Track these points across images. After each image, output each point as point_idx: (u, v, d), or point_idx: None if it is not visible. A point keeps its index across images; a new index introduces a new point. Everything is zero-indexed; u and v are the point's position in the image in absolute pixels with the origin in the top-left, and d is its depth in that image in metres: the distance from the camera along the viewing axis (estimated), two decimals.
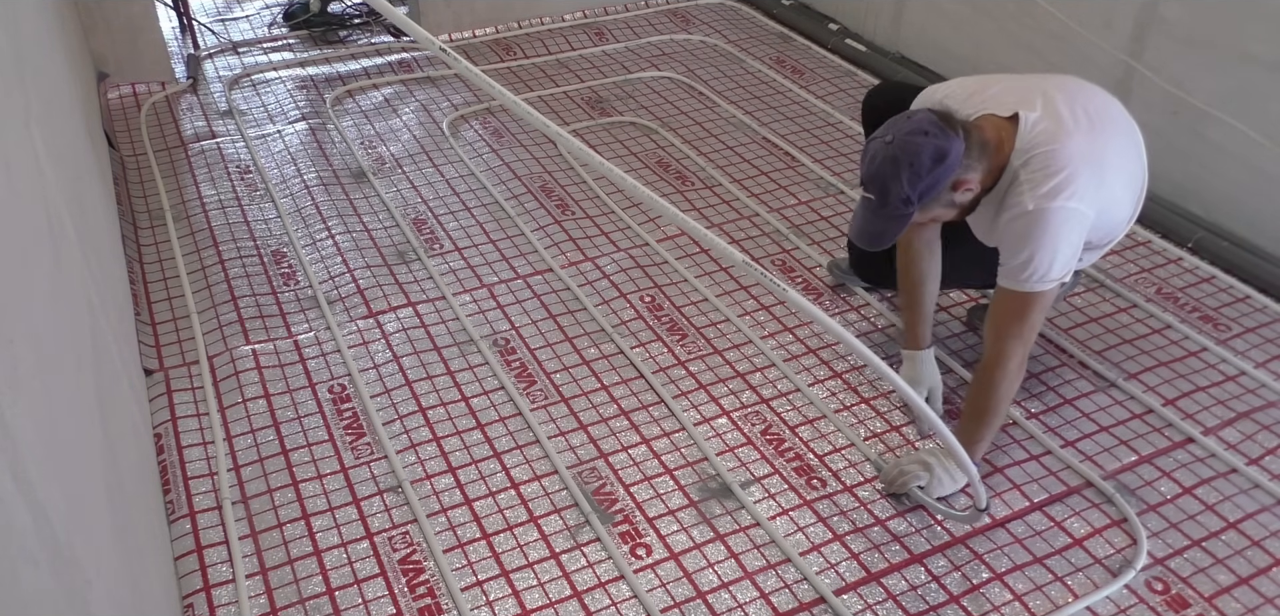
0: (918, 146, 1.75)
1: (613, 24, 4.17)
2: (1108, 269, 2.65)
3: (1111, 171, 1.88)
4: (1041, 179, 1.80)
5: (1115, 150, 1.92)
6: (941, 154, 1.75)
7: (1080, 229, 1.83)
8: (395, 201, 2.97)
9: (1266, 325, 2.46)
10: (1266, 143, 2.59)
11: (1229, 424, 2.17)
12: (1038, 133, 1.83)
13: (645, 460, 2.09)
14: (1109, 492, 2.00)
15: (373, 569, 1.86)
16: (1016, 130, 1.85)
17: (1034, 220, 1.80)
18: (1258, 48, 2.58)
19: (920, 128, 1.76)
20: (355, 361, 2.34)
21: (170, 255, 2.72)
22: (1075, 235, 1.82)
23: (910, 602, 1.81)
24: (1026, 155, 1.83)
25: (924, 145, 1.75)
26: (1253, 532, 1.93)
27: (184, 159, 3.19)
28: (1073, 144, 1.81)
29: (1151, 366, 2.33)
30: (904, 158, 1.75)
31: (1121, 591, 1.82)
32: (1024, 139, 1.84)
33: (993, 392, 1.90)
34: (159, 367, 2.32)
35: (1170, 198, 2.87)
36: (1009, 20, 3.27)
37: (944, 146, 1.75)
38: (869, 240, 1.88)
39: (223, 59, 3.87)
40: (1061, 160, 1.80)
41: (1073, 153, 1.81)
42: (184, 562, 1.86)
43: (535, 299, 2.56)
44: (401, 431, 2.16)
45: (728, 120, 3.42)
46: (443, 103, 3.54)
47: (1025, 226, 1.81)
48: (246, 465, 2.08)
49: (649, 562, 1.88)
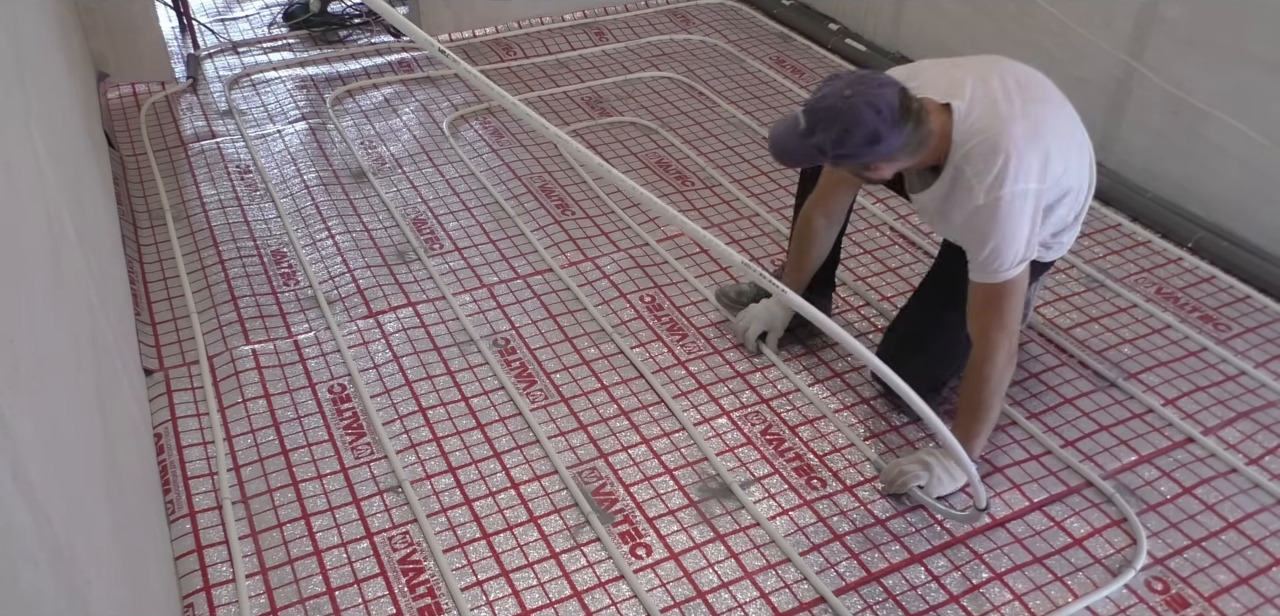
0: (861, 118, 1.75)
1: (613, 24, 4.17)
2: (1108, 269, 2.66)
3: (1053, 142, 1.89)
4: (985, 170, 1.81)
5: (1053, 121, 1.93)
6: (875, 137, 1.76)
7: (1035, 206, 1.84)
8: (395, 201, 2.97)
9: (1266, 325, 2.46)
10: (1266, 143, 2.59)
11: (1229, 424, 2.17)
12: (973, 122, 1.84)
13: (645, 460, 2.09)
14: (1109, 492, 2.00)
15: (373, 569, 1.86)
16: (951, 121, 1.86)
17: (989, 213, 1.81)
18: (1258, 48, 2.58)
19: (874, 103, 1.76)
20: (355, 361, 2.34)
21: (170, 255, 2.72)
22: (1030, 213, 1.84)
23: (910, 602, 1.81)
24: (965, 147, 1.83)
25: (867, 120, 1.75)
26: (1253, 532, 1.93)
27: (184, 159, 3.19)
28: (1010, 126, 1.82)
29: (1151, 366, 2.33)
30: (846, 117, 1.76)
31: (1121, 591, 1.82)
32: (960, 130, 1.84)
33: (985, 387, 1.90)
34: (159, 367, 2.32)
35: (1170, 198, 2.87)
36: (1009, 20, 3.27)
37: (882, 132, 1.76)
38: (780, 152, 1.90)
39: (223, 59, 3.87)
40: (1001, 145, 1.81)
41: (1011, 135, 1.81)
42: (184, 562, 1.86)
43: (535, 299, 2.56)
44: (401, 431, 2.16)
45: (728, 120, 3.42)
46: (443, 103, 3.54)
47: (983, 221, 1.83)
48: (246, 465, 2.08)
49: (649, 562, 1.88)
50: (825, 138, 1.78)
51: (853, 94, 1.77)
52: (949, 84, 1.89)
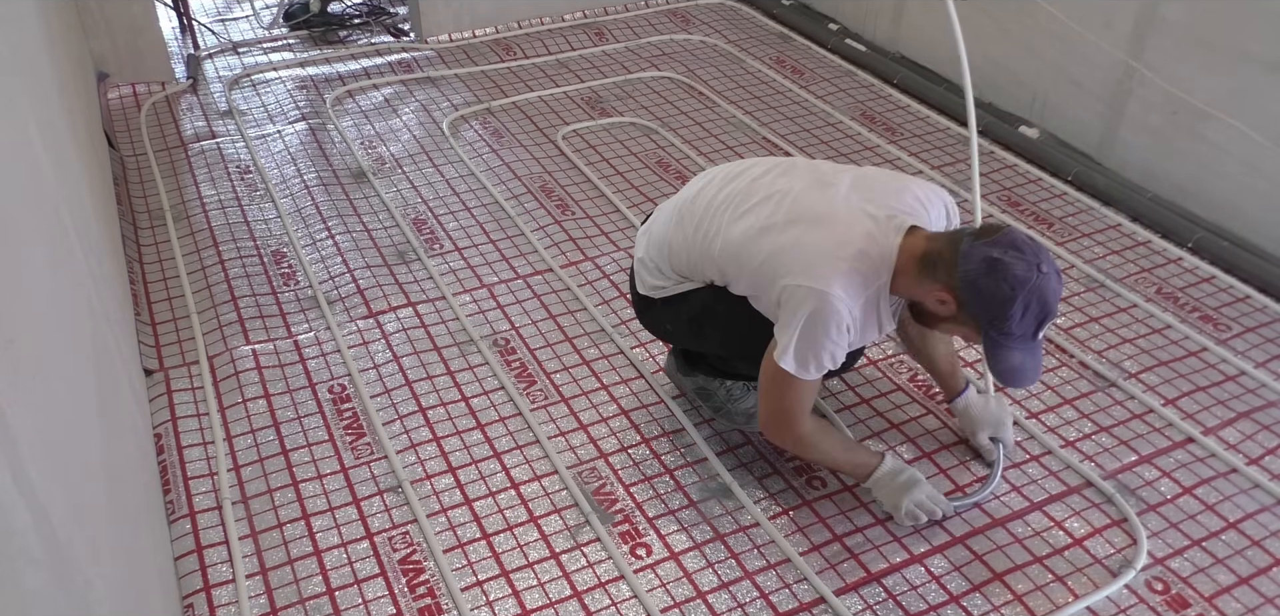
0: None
1: (613, 24, 4.17)
2: (1108, 269, 2.65)
3: None
4: None
5: None
6: None
7: None
8: (395, 201, 2.97)
9: (1266, 325, 2.46)
10: (1266, 143, 2.59)
11: (1229, 424, 2.17)
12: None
13: (645, 460, 2.09)
14: (1109, 492, 2.00)
15: (373, 569, 1.86)
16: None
17: None
18: (1258, 48, 2.58)
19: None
20: (355, 361, 2.34)
21: (170, 255, 2.72)
22: None
23: (910, 602, 1.81)
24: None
25: None
26: (1253, 532, 1.93)
27: (184, 159, 3.19)
28: None
29: (1151, 366, 2.33)
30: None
31: (1121, 591, 1.82)
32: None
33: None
34: (159, 368, 2.32)
35: (1170, 198, 2.87)
36: (1009, 20, 3.27)
37: None
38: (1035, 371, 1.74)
39: (223, 59, 3.87)
40: None
41: None
42: (184, 562, 1.86)
43: (535, 299, 2.56)
44: (401, 431, 2.16)
45: (728, 120, 3.42)
46: (443, 103, 3.54)
47: None
48: (246, 465, 2.08)
49: (649, 562, 1.88)
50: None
51: (1047, 266, 1.65)
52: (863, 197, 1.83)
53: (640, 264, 2.07)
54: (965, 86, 2.15)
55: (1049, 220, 2.86)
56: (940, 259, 1.68)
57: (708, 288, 1.94)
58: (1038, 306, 1.63)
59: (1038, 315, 1.64)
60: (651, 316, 2.11)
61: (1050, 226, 2.83)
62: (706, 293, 1.95)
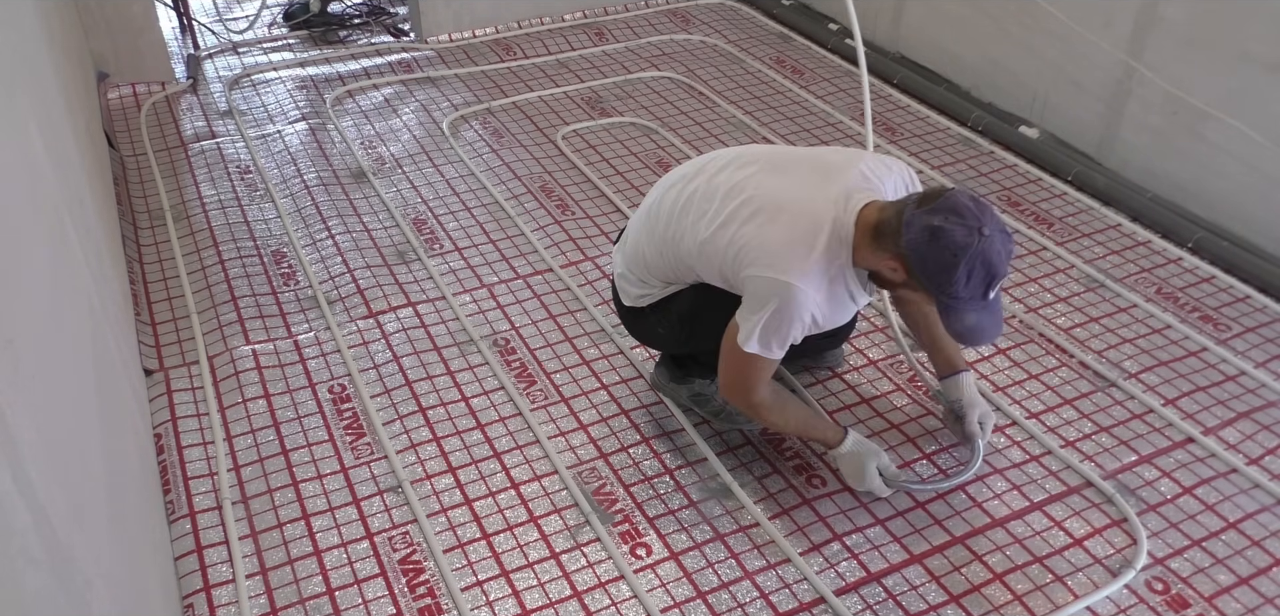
0: None
1: (613, 24, 4.17)
2: (1108, 269, 2.65)
3: None
4: None
5: None
6: None
7: None
8: (395, 201, 2.97)
9: (1266, 325, 2.46)
10: (1266, 143, 2.59)
11: (1229, 424, 2.17)
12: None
13: (645, 460, 2.09)
14: (1109, 492, 2.00)
15: (373, 569, 1.86)
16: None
17: None
18: (1257, 48, 2.58)
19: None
20: (355, 361, 2.34)
21: (170, 255, 2.72)
22: None
23: (910, 602, 1.81)
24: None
25: None
26: (1253, 532, 1.93)
27: (184, 159, 3.19)
28: None
29: (1151, 366, 2.33)
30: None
31: (1121, 591, 1.82)
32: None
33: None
34: (159, 367, 2.32)
35: (1170, 198, 2.87)
36: (1009, 20, 3.27)
37: None
38: (994, 328, 1.76)
39: (223, 59, 3.87)
40: None
41: None
42: (184, 562, 1.87)
43: (535, 299, 2.56)
44: (401, 431, 2.16)
45: (728, 120, 3.42)
46: (443, 103, 3.54)
47: None
48: (246, 465, 2.08)
49: (649, 562, 1.88)
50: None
51: (991, 230, 1.66)
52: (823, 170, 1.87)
53: (621, 278, 2.10)
54: (852, 23, 2.28)
55: (1049, 220, 2.86)
56: (888, 228, 1.71)
57: (691, 285, 1.96)
58: (983, 269, 1.64)
59: (984, 278, 1.65)
60: (642, 326, 2.13)
61: (1050, 226, 2.83)
62: (691, 290, 1.96)
